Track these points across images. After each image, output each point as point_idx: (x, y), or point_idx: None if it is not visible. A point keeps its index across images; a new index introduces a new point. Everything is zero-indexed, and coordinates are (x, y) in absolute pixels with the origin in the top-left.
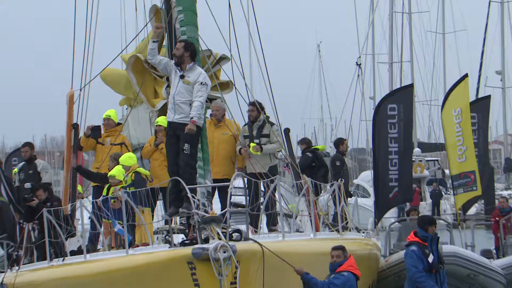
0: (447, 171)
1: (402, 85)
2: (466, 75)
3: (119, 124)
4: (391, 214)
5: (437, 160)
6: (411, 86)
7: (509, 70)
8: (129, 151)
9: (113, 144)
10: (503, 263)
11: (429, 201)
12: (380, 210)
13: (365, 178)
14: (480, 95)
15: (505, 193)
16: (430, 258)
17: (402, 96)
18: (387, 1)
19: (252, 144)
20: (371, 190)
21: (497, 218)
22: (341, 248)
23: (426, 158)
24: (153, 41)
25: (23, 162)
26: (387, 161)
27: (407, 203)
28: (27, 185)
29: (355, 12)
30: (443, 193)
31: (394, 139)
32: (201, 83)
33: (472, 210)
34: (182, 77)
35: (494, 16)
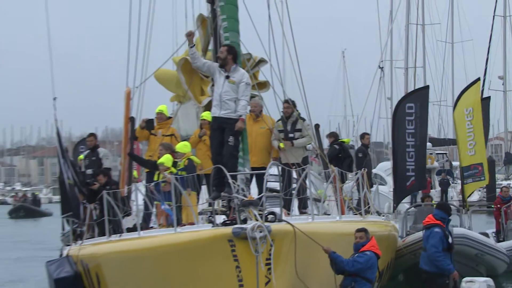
0: (454, 163)
1: (416, 87)
2: (478, 79)
3: (169, 118)
4: (404, 200)
5: (445, 153)
6: (427, 87)
7: (510, 75)
8: (178, 142)
9: (164, 135)
10: (507, 246)
11: (438, 189)
12: (398, 197)
13: (382, 168)
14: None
15: (505, 182)
16: (450, 239)
17: (419, 96)
18: (404, 14)
19: (281, 145)
20: (387, 179)
21: (498, 206)
22: (364, 230)
23: (436, 152)
24: (190, 47)
25: (88, 150)
26: (404, 154)
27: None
28: (89, 171)
29: (378, 24)
30: (450, 182)
31: (411, 134)
32: (246, 83)
33: (475, 197)
34: (227, 77)
35: (497, 28)
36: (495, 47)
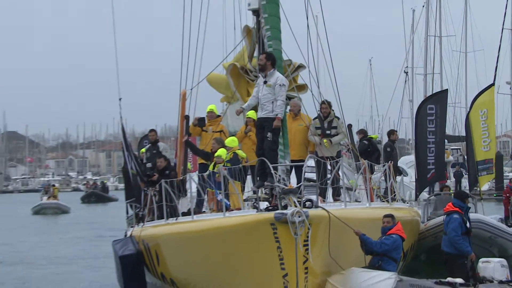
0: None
1: (433, 91)
2: (492, 84)
3: (218, 116)
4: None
5: (459, 149)
6: (446, 91)
7: None
8: (226, 137)
9: (214, 132)
10: None
11: (453, 179)
12: (420, 186)
13: (404, 161)
14: None
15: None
16: (468, 224)
17: (439, 99)
18: (423, 27)
19: (324, 140)
20: (408, 171)
21: (507, 194)
22: (391, 216)
23: (451, 147)
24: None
25: (149, 144)
26: (426, 149)
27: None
28: (148, 165)
29: (404, 35)
30: (463, 174)
31: (431, 132)
32: (280, 84)
33: (485, 187)
34: (265, 82)
35: (505, 39)
36: (504, 56)
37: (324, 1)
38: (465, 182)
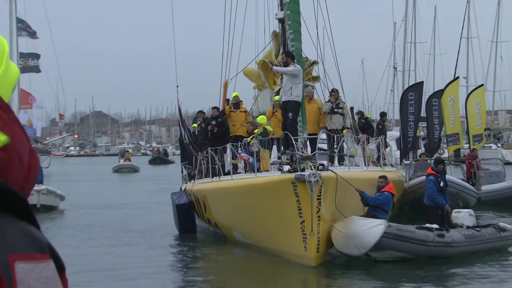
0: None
1: (409, 84)
2: (457, 77)
3: (241, 101)
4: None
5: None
6: (421, 83)
7: (471, 76)
8: (249, 116)
9: (240, 112)
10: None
11: (423, 149)
12: (403, 154)
13: (388, 136)
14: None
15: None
16: (441, 184)
17: (416, 88)
18: (403, 36)
19: (344, 130)
20: (390, 143)
21: (469, 161)
22: (384, 177)
23: (422, 125)
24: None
25: (200, 121)
26: (407, 126)
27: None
28: (213, 122)
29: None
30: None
31: (411, 113)
32: (294, 74)
33: (445, 155)
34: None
35: (463, 45)
36: (461, 57)
37: (326, 17)
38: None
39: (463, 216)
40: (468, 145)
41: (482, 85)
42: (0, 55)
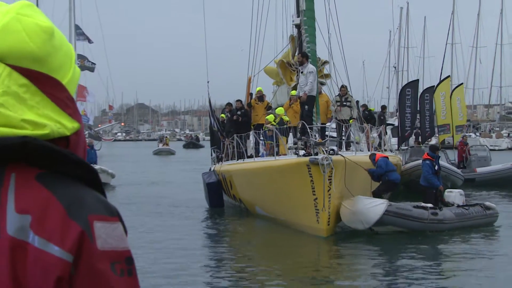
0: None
1: (403, 82)
2: (448, 76)
3: (263, 94)
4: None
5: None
6: (417, 80)
7: (454, 77)
8: (270, 108)
9: (262, 104)
10: (462, 171)
11: (413, 137)
12: (401, 141)
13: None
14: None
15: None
16: (436, 167)
17: (413, 85)
18: (397, 41)
19: (351, 121)
20: (388, 131)
21: (461, 147)
22: (370, 155)
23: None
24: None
25: (228, 111)
26: (404, 117)
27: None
28: (238, 113)
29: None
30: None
31: (408, 106)
32: (309, 72)
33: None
34: (302, 72)
35: (448, 50)
36: (447, 59)
37: (336, 24)
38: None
39: (454, 195)
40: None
41: (462, 84)
42: (69, 60)
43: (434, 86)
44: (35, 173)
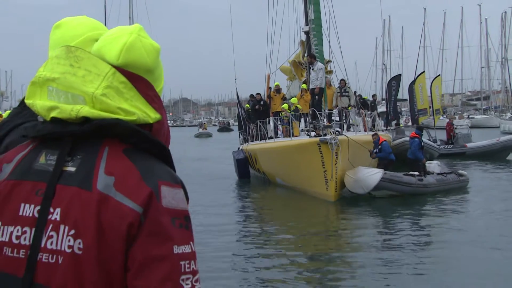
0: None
1: (388, 78)
2: (423, 72)
3: (280, 88)
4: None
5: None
6: (400, 75)
7: (430, 74)
8: (285, 98)
9: (279, 96)
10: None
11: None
12: (388, 123)
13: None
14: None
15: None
16: (422, 144)
17: (396, 78)
18: (381, 45)
19: (349, 107)
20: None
21: (449, 126)
22: (375, 134)
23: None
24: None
25: (251, 102)
26: (391, 104)
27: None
28: (257, 106)
29: (375, 47)
30: (400, 116)
31: (393, 95)
32: (319, 69)
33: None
34: (312, 69)
35: (421, 51)
36: (420, 59)
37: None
38: (401, 121)
39: (433, 166)
40: (432, 117)
41: (439, 75)
42: (162, 72)
43: (400, 74)
44: (123, 147)
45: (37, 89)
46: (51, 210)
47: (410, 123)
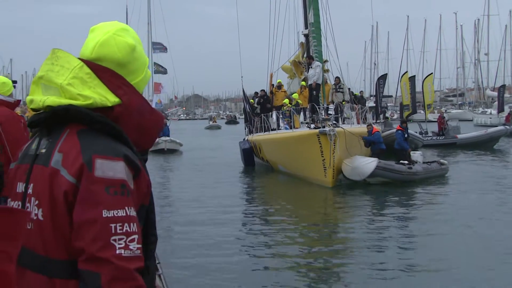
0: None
1: (375, 76)
2: (406, 72)
3: (282, 85)
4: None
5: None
6: (386, 74)
7: (413, 73)
8: (286, 94)
9: (281, 91)
10: (445, 137)
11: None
12: (376, 116)
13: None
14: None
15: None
16: (406, 135)
17: (383, 77)
18: (372, 48)
19: (343, 102)
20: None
21: (440, 119)
22: (370, 124)
23: (383, 99)
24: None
25: (257, 98)
26: (378, 99)
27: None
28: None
29: (364, 50)
30: (386, 111)
31: (381, 92)
32: (316, 65)
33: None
34: (311, 67)
35: (404, 56)
36: (403, 60)
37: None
38: (388, 114)
39: (417, 155)
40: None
41: (431, 73)
42: (143, 67)
43: (386, 74)
44: (78, 129)
45: (34, 86)
46: (29, 186)
47: (395, 117)
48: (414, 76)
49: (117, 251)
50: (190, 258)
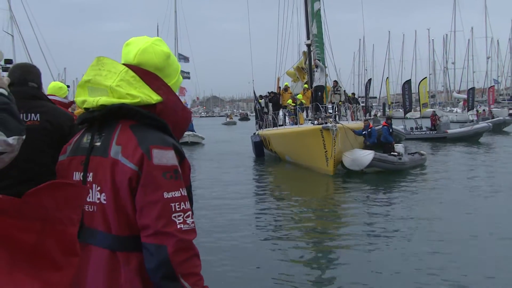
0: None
1: (363, 81)
2: (387, 78)
3: (289, 87)
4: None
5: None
6: (371, 79)
7: (405, 78)
8: (292, 95)
9: (288, 93)
10: (437, 132)
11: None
12: (366, 114)
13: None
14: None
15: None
16: (391, 130)
17: (370, 81)
18: (360, 57)
19: (340, 103)
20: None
21: (433, 117)
22: (367, 120)
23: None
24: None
25: (263, 99)
26: (367, 100)
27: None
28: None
29: (353, 59)
30: (371, 108)
31: (369, 93)
32: (321, 69)
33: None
34: (316, 71)
35: (386, 61)
36: (385, 69)
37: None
38: (374, 112)
39: (399, 147)
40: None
41: (426, 77)
42: (175, 72)
43: (371, 79)
44: (129, 124)
45: (80, 89)
46: (88, 174)
47: (378, 114)
48: (410, 80)
49: (178, 226)
50: (203, 238)
